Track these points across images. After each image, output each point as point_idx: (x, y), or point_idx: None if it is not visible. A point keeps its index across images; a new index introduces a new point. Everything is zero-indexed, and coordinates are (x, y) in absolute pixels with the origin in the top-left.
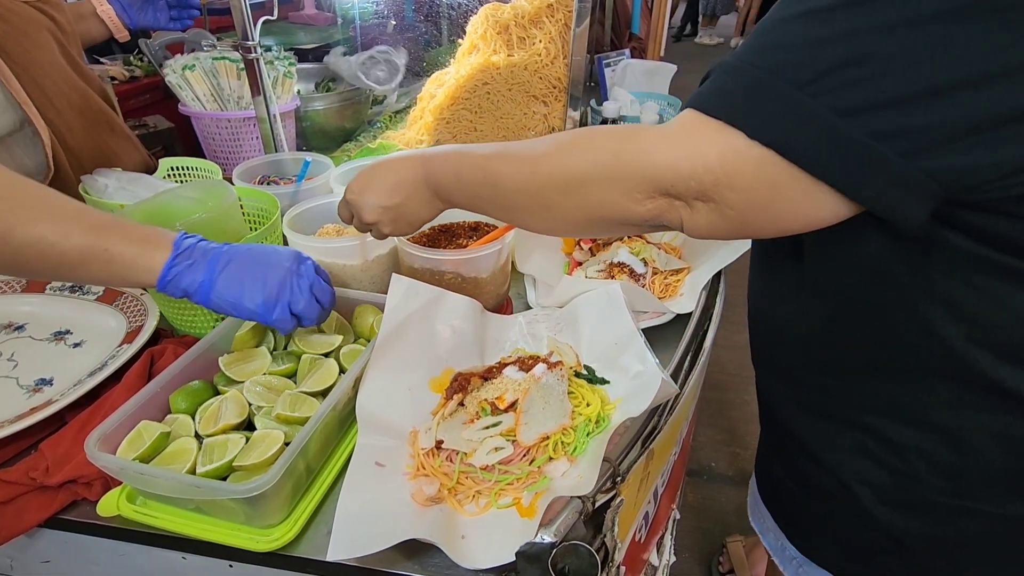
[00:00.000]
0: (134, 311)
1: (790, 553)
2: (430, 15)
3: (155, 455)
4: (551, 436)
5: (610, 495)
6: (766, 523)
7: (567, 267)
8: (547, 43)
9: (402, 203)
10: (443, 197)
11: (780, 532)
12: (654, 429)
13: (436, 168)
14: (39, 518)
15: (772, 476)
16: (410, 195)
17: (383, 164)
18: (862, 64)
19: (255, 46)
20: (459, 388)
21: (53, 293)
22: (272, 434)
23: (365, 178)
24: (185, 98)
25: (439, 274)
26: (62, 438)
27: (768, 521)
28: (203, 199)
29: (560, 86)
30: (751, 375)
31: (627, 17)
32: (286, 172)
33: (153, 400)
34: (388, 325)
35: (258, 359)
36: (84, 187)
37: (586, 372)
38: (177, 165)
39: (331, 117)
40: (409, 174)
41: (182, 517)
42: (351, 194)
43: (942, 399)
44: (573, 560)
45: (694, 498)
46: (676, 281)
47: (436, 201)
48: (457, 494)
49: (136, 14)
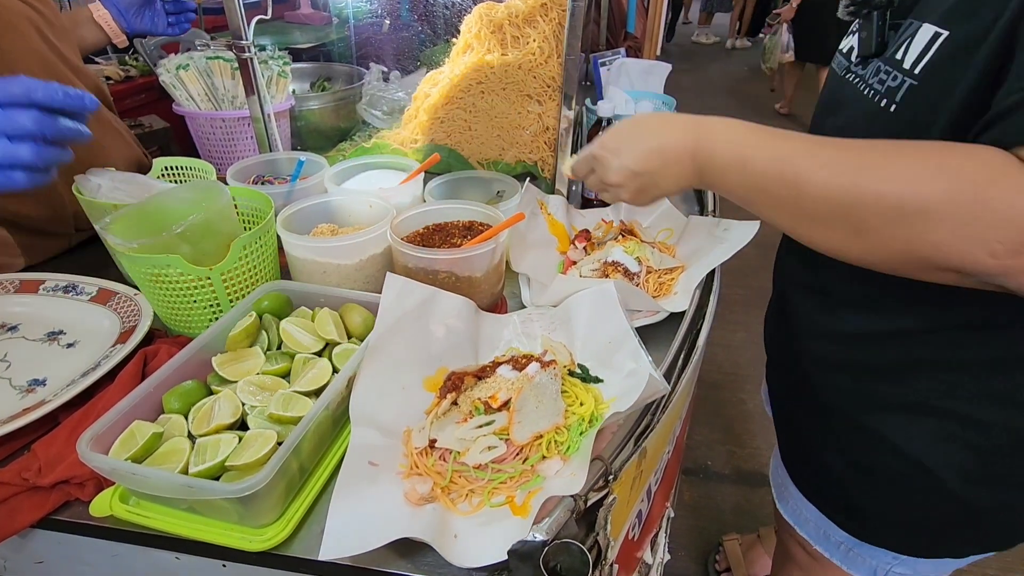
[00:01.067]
0: (128, 311)
1: (837, 538)
2: (424, 14)
3: (148, 455)
4: (544, 435)
5: (602, 493)
6: (803, 514)
7: (562, 266)
8: (541, 42)
9: (657, 171)
10: (710, 179)
11: (824, 520)
12: (647, 427)
13: (715, 144)
14: (32, 519)
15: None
16: (668, 165)
17: (648, 122)
18: None
19: (249, 45)
20: (452, 387)
21: (46, 293)
22: (265, 434)
23: (624, 134)
24: (179, 98)
25: (433, 273)
26: (55, 439)
27: (807, 512)
28: (197, 200)
29: (554, 85)
30: (747, 374)
31: (623, 16)
32: (281, 172)
33: (146, 400)
34: (382, 324)
35: (251, 359)
36: (77, 187)
37: (580, 371)
38: (171, 165)
39: (326, 116)
40: (677, 141)
41: (175, 517)
42: (603, 149)
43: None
44: (565, 558)
45: (690, 497)
46: (670, 280)
47: (694, 179)
48: (450, 493)
49: (133, 19)
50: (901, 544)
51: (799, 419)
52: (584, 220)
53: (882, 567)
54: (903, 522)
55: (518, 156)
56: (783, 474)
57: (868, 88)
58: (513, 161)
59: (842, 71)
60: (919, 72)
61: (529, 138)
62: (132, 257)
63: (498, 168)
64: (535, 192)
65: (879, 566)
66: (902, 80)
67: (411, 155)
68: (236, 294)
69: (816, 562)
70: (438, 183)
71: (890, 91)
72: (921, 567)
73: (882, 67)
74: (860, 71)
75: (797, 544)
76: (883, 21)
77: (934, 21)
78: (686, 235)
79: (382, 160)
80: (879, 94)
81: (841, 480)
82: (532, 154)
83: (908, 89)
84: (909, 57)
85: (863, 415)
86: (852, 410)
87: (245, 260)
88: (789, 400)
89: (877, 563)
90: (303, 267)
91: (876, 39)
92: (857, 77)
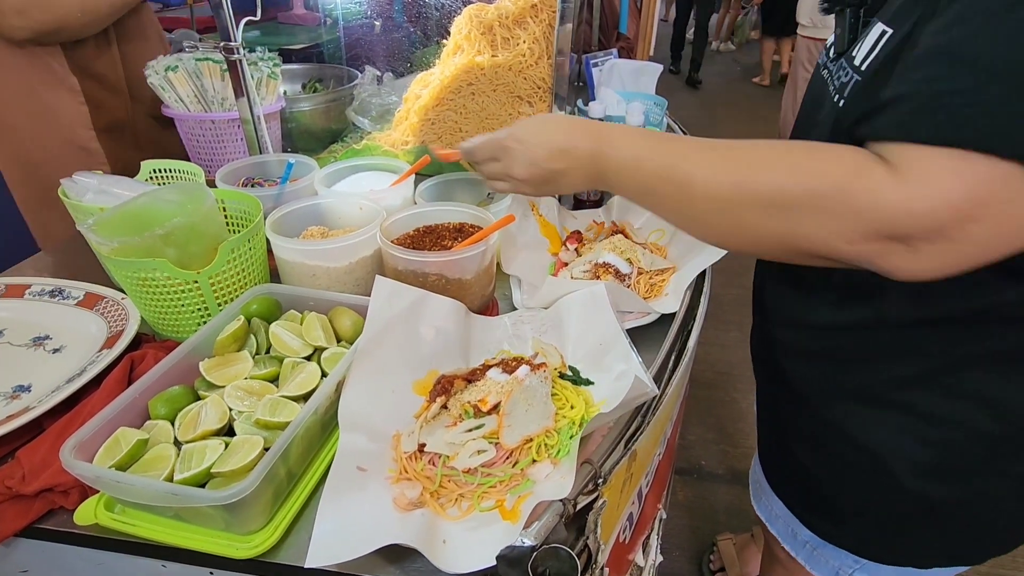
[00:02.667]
0: (115, 315)
1: (803, 537)
2: (413, 16)
3: (133, 462)
4: (534, 438)
5: (592, 497)
6: (774, 511)
7: (553, 268)
8: (531, 43)
9: (562, 169)
10: (608, 181)
11: (792, 518)
12: (637, 430)
13: (613, 148)
14: (15, 527)
15: (788, 465)
16: (572, 165)
17: (557, 122)
18: None
19: (238, 47)
20: (442, 391)
21: (32, 298)
22: (251, 440)
23: (533, 130)
24: (168, 99)
25: (423, 276)
26: (39, 446)
27: (777, 508)
28: (182, 202)
29: (545, 86)
30: (740, 373)
31: (615, 17)
32: (271, 174)
33: (132, 406)
34: (371, 328)
35: (240, 363)
36: (63, 190)
37: (571, 373)
38: (159, 167)
39: (317, 118)
40: (581, 144)
41: (161, 525)
42: (513, 141)
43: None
44: (554, 563)
45: (684, 497)
46: (661, 281)
47: (595, 180)
48: (439, 498)
49: None
50: (861, 546)
51: (774, 410)
52: (575, 222)
53: (844, 570)
54: (861, 519)
55: None
56: (759, 470)
57: (832, 84)
58: None
59: (821, 67)
60: (864, 68)
61: None
62: (118, 261)
63: None
64: None
65: (841, 568)
66: (851, 76)
67: (402, 157)
68: (224, 298)
69: (793, 561)
70: (429, 185)
71: (842, 86)
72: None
73: (844, 64)
74: (832, 67)
75: (775, 542)
76: (856, 19)
77: (885, 20)
78: (677, 236)
79: (373, 162)
80: (836, 90)
81: (806, 473)
82: None
83: (853, 85)
84: (860, 54)
85: (827, 405)
86: (818, 400)
87: (233, 263)
88: (766, 393)
89: (839, 565)
90: (292, 270)
91: (848, 36)
92: (829, 73)
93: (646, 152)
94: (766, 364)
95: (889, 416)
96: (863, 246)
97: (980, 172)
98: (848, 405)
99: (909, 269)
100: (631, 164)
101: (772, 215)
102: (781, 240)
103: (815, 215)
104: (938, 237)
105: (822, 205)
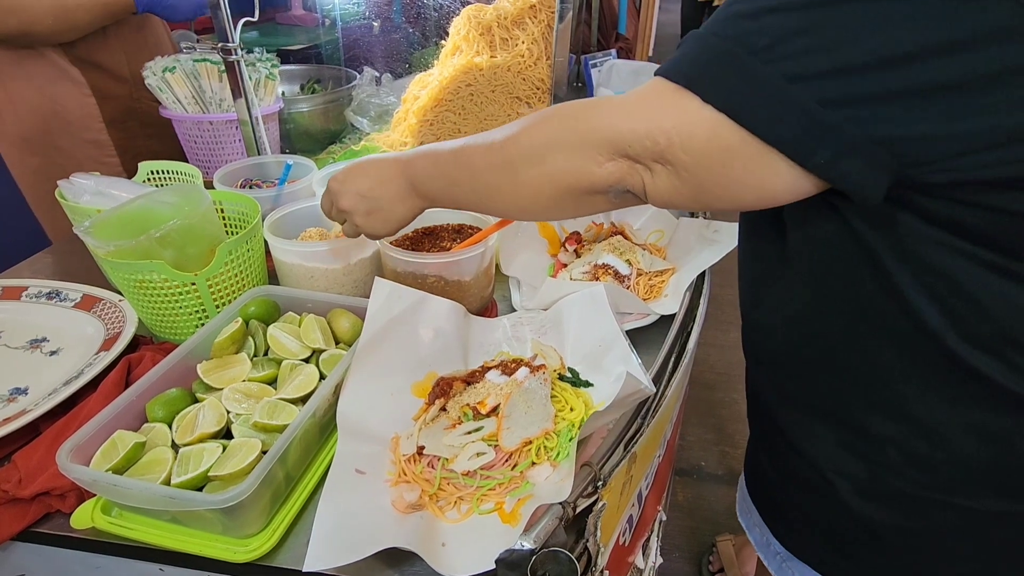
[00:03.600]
0: (112, 318)
1: (774, 548)
2: (411, 17)
3: (130, 466)
4: (534, 440)
5: (592, 500)
6: (752, 518)
7: (552, 269)
8: (530, 44)
9: (380, 196)
10: (421, 191)
11: (765, 527)
12: (637, 432)
13: (415, 160)
14: (12, 531)
15: (758, 470)
16: (389, 189)
17: (368, 161)
18: (814, 33)
19: (235, 48)
20: (441, 393)
21: (29, 300)
22: (249, 443)
23: (350, 170)
24: (166, 101)
25: (422, 277)
26: (36, 449)
27: (754, 516)
28: (179, 204)
29: (543, 87)
30: (740, 374)
31: (614, 17)
32: (269, 175)
33: (129, 409)
34: (370, 329)
35: (238, 365)
36: (60, 192)
37: (570, 375)
38: (157, 169)
39: (315, 119)
40: (391, 170)
41: (158, 528)
42: (335, 182)
43: (920, 391)
44: (553, 567)
45: (684, 497)
46: (660, 282)
47: (414, 196)
48: (439, 500)
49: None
50: (820, 562)
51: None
52: (574, 223)
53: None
54: (815, 535)
55: None
56: (743, 479)
57: None
58: None
59: None
60: None
61: None
62: (115, 263)
63: None
64: None
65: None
66: None
67: None
68: (222, 300)
69: None
70: None
71: None
72: None
73: None
74: None
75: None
76: None
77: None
78: (676, 237)
79: None
80: None
81: (770, 482)
82: None
83: None
84: None
85: (781, 414)
86: (775, 408)
87: (231, 265)
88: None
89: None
90: (291, 272)
91: None
92: None
93: (438, 153)
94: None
95: (829, 429)
96: (611, 165)
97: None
98: (796, 415)
99: (654, 190)
100: (429, 164)
101: (536, 162)
102: (553, 183)
103: (564, 148)
104: (662, 159)
105: (568, 138)
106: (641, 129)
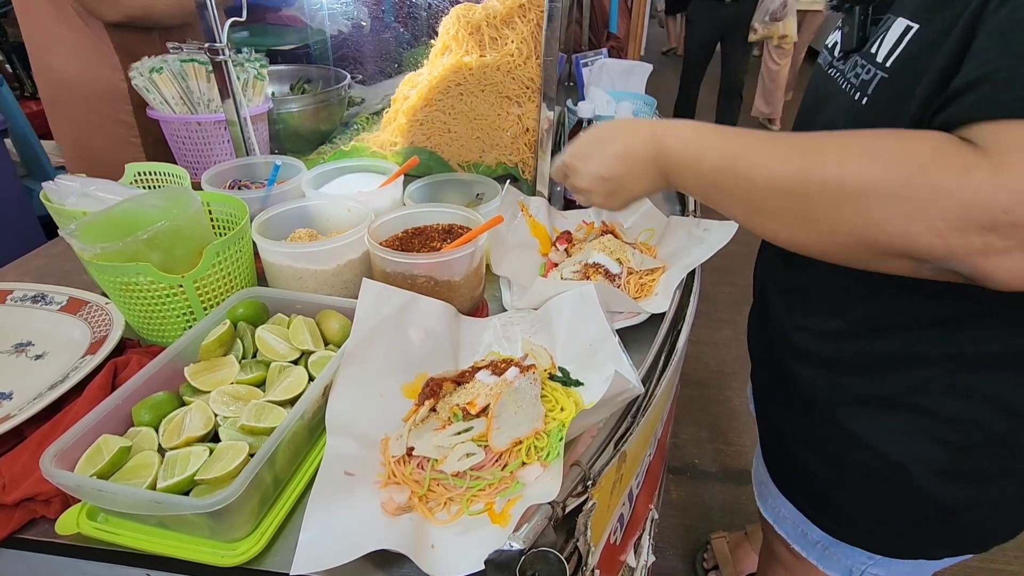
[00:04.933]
0: (99, 321)
1: (814, 537)
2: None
3: (115, 470)
4: (524, 441)
5: (581, 499)
6: (781, 512)
7: (543, 268)
8: (519, 43)
9: (623, 175)
10: (673, 180)
11: (802, 518)
12: (626, 431)
13: (672, 147)
14: None
15: (797, 467)
16: (633, 170)
17: (613, 129)
18: None
19: (223, 48)
20: (431, 393)
21: (15, 304)
22: (236, 446)
23: (590, 143)
24: (153, 101)
25: (412, 278)
26: (20, 454)
27: (785, 510)
28: (167, 207)
29: (533, 86)
30: (733, 371)
31: (605, 17)
32: (258, 176)
33: (115, 413)
34: (359, 331)
35: (225, 368)
36: (45, 194)
37: (560, 374)
38: (144, 170)
39: (305, 119)
40: (639, 147)
41: (145, 533)
42: (571, 157)
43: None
44: (543, 567)
45: (678, 495)
46: (651, 281)
47: (661, 180)
48: (428, 502)
49: None
50: (875, 543)
51: (778, 415)
52: (565, 222)
53: (857, 567)
54: (876, 520)
55: (498, 158)
56: (764, 472)
57: (846, 83)
58: (493, 163)
59: (826, 66)
60: (890, 65)
61: (509, 140)
62: (101, 266)
63: (478, 170)
64: (515, 194)
65: (854, 566)
66: (874, 73)
67: (391, 158)
68: (210, 302)
69: (799, 561)
70: (418, 186)
71: (863, 84)
72: (897, 568)
73: (859, 61)
74: (841, 66)
75: (780, 542)
76: (865, 16)
77: (907, 15)
78: (667, 235)
79: (361, 163)
80: (855, 88)
81: (817, 476)
82: (512, 156)
83: (879, 82)
84: (882, 51)
85: (837, 410)
86: (827, 405)
87: (219, 267)
88: (769, 396)
89: (852, 563)
90: (279, 273)
91: (857, 34)
92: (838, 72)
93: (705, 147)
94: (765, 365)
95: (903, 420)
96: (956, 240)
97: None
98: (858, 410)
99: (1013, 270)
100: (691, 161)
101: (843, 204)
102: (856, 234)
103: (894, 202)
104: None
105: (901, 190)
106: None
